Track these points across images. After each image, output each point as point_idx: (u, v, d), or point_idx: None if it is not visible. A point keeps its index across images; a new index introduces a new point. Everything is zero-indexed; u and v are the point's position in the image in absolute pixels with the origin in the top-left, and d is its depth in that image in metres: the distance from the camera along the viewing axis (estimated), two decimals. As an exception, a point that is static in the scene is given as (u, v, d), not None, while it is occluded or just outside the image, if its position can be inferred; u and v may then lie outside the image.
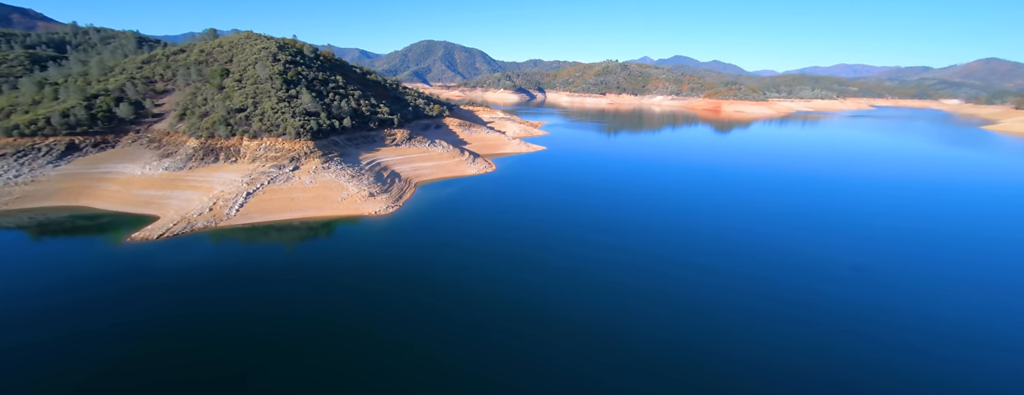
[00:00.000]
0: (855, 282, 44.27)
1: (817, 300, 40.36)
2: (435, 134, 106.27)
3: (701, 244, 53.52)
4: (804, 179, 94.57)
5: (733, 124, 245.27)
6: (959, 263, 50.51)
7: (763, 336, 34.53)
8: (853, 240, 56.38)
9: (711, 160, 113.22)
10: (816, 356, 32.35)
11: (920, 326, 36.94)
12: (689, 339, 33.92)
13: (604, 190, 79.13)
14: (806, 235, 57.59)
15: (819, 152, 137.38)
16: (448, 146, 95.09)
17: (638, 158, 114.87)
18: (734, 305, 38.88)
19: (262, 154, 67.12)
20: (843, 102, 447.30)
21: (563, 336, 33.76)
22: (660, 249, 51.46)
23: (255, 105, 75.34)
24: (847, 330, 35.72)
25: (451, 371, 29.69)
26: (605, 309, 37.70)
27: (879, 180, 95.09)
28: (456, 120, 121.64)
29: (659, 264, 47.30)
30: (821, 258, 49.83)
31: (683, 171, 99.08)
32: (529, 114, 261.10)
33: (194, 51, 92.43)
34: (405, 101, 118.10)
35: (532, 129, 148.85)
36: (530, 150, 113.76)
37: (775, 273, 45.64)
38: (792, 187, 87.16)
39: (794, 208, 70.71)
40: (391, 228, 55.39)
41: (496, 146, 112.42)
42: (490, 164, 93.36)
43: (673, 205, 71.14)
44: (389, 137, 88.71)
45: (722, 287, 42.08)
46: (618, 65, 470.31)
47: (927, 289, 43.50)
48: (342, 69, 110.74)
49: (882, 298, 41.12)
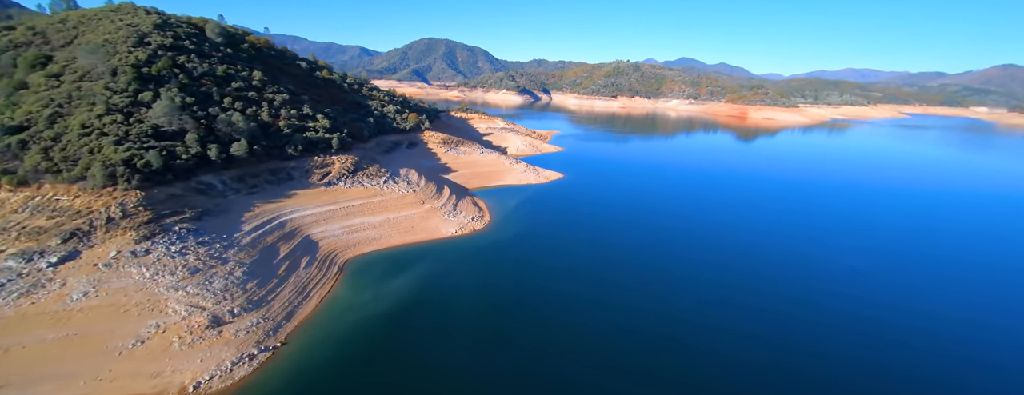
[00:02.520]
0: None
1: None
2: (404, 159, 72.57)
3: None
4: (924, 218, 61.73)
5: (773, 133, 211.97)
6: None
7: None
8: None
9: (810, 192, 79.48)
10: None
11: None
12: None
13: (667, 259, 45.74)
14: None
15: (916, 177, 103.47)
16: (417, 180, 61.40)
17: (700, 190, 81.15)
18: None
19: (21, 221, 33.51)
20: (874, 109, 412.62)
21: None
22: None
23: (53, 120, 41.74)
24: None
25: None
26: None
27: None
28: (439, 135, 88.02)
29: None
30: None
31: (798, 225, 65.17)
32: (534, 119, 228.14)
33: (21, 29, 59.02)
34: (367, 108, 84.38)
35: (541, 143, 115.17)
36: (541, 179, 80.00)
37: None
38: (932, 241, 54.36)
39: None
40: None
41: (492, 174, 78.71)
42: (481, 211, 59.65)
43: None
44: (318, 171, 54.89)
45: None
46: (630, 65, 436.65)
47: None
48: (272, 60, 77.05)
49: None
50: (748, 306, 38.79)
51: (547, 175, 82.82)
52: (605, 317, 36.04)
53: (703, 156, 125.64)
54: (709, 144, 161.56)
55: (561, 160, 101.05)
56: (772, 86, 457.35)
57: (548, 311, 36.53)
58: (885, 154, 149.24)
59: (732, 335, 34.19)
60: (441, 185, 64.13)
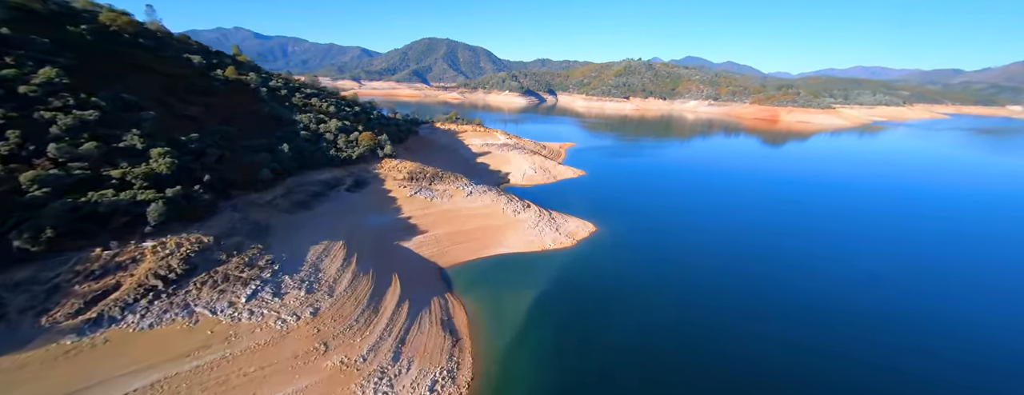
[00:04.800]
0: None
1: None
2: (329, 220, 42.25)
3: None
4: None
5: (833, 135, 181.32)
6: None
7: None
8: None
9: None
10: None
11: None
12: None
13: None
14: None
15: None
16: (333, 280, 31.37)
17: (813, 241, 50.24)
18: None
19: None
20: (910, 109, 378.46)
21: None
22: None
23: None
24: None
25: None
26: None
27: None
28: (407, 164, 57.79)
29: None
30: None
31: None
32: (541, 123, 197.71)
33: None
34: (291, 125, 54.07)
35: (554, 165, 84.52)
36: (563, 240, 49.36)
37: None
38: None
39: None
40: None
41: (485, 235, 48.28)
42: (458, 341, 29.56)
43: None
44: (80, 291, 24.85)
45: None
46: (642, 64, 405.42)
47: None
48: (127, 50, 46.77)
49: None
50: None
51: (572, 229, 52.17)
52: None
53: (777, 173, 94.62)
54: (767, 157, 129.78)
55: (586, 191, 70.48)
56: (780, 84, 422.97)
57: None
58: (976, 166, 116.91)
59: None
60: (385, 280, 33.91)
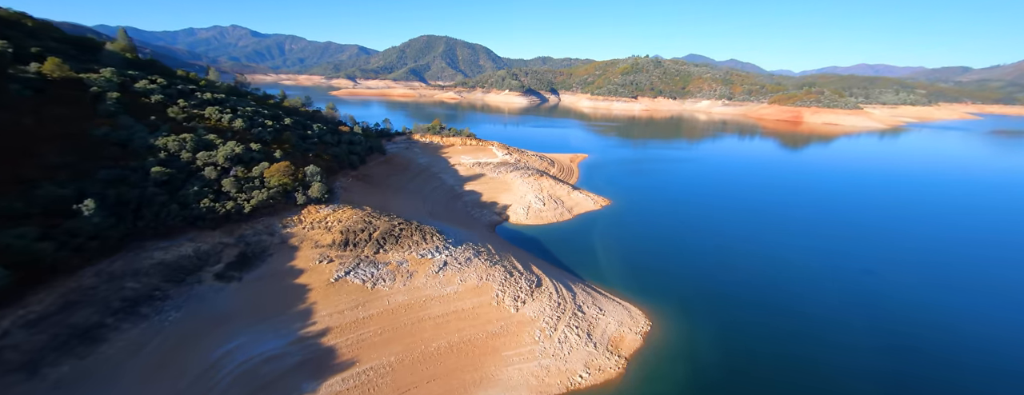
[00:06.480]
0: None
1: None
2: (147, 352, 20.52)
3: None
4: None
5: (881, 137, 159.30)
6: None
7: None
8: None
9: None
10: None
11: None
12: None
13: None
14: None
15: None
16: None
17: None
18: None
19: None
20: (938, 109, 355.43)
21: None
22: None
23: None
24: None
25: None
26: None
27: None
28: (342, 219, 35.92)
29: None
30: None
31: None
32: (544, 126, 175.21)
33: None
34: (119, 170, 32.27)
35: (566, 191, 62.35)
36: (607, 369, 27.69)
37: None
38: None
39: None
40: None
41: (459, 369, 26.45)
42: None
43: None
44: None
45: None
46: (649, 61, 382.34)
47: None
48: None
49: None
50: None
51: (614, 331, 30.18)
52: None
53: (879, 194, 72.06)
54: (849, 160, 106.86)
55: (622, 236, 47.99)
56: (791, 82, 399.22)
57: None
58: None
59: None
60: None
